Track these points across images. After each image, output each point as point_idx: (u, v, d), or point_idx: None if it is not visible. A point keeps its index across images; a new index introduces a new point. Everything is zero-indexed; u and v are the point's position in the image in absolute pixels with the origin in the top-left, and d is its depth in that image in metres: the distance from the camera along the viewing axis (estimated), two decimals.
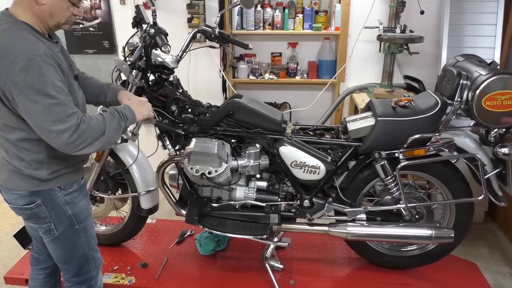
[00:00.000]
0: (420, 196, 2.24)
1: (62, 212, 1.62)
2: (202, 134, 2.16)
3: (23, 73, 1.34)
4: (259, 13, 3.48)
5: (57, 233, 1.64)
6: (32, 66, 1.35)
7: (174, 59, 2.17)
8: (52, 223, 1.62)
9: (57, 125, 1.37)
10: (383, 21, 3.28)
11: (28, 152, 1.50)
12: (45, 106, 1.36)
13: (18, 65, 1.34)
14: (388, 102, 2.15)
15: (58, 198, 1.60)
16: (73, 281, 1.77)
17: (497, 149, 2.01)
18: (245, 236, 2.16)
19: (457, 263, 2.46)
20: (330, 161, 2.13)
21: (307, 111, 3.68)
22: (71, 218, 1.64)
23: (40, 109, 1.36)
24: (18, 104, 1.38)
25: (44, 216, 1.60)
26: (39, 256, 1.91)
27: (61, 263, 1.75)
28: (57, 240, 1.66)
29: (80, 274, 1.76)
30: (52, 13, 1.47)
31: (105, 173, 2.40)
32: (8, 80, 1.35)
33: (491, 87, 1.86)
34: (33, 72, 1.34)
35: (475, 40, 2.98)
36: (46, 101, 1.36)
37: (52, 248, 1.70)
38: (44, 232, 1.65)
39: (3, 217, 3.29)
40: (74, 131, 1.39)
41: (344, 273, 2.39)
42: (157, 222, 2.88)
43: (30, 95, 1.35)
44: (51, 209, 1.59)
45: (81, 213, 1.68)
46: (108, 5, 3.73)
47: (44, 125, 1.38)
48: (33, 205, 1.57)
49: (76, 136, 1.40)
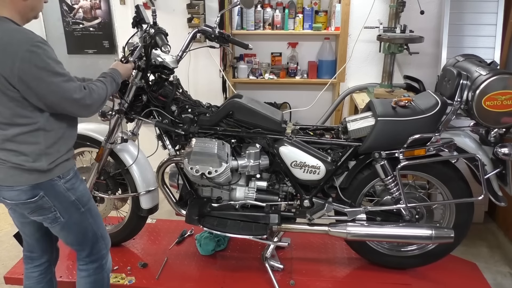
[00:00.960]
0: (420, 196, 2.24)
1: (65, 199, 1.67)
2: (202, 134, 2.16)
3: (32, 59, 1.42)
4: (259, 13, 3.48)
5: (64, 220, 1.69)
6: (38, 51, 1.43)
7: (174, 59, 2.17)
8: (58, 211, 1.67)
9: (75, 94, 1.53)
10: (383, 21, 3.28)
11: (27, 145, 1.54)
12: (59, 84, 1.49)
13: (24, 53, 1.41)
14: (388, 102, 2.15)
15: (59, 186, 1.64)
16: (86, 260, 1.85)
17: (497, 149, 2.01)
18: (245, 236, 2.16)
19: (457, 263, 2.46)
20: (330, 161, 2.13)
21: (307, 111, 3.68)
22: (76, 203, 1.70)
23: (55, 88, 1.48)
24: (32, 89, 1.45)
25: (49, 206, 1.64)
26: (32, 254, 1.92)
27: (75, 246, 1.82)
28: (66, 227, 1.72)
29: (93, 253, 1.84)
30: (34, 6, 1.55)
31: (105, 173, 2.40)
32: (16, 69, 1.41)
33: (491, 87, 1.86)
34: (41, 56, 1.44)
35: (475, 40, 2.98)
36: (59, 79, 1.49)
37: (63, 235, 1.77)
38: (51, 222, 1.69)
39: (3, 217, 3.29)
40: (88, 96, 1.57)
41: (344, 273, 2.39)
42: (157, 222, 2.88)
43: (45, 77, 1.45)
44: (54, 198, 1.64)
45: (83, 196, 1.74)
46: (108, 5, 3.73)
47: (65, 96, 1.51)
48: (36, 197, 1.60)
49: (91, 100, 1.59)
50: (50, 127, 1.57)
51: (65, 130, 1.64)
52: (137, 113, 2.21)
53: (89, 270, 1.86)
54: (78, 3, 3.78)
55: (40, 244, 1.87)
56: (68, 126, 1.65)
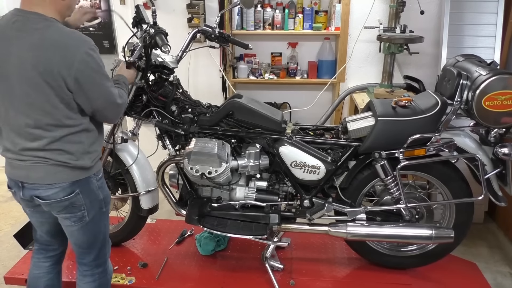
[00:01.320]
0: (420, 196, 2.24)
1: (95, 197, 1.72)
2: (202, 134, 2.16)
3: (89, 61, 1.50)
4: (259, 13, 3.48)
5: (87, 219, 1.72)
6: (94, 54, 1.53)
7: (174, 59, 2.17)
8: (86, 210, 1.70)
9: (118, 100, 1.64)
10: (383, 21, 3.28)
11: (72, 144, 1.59)
12: (109, 88, 1.60)
13: (83, 55, 1.49)
14: (388, 102, 2.15)
15: (94, 184, 1.71)
16: (92, 265, 1.85)
17: (497, 149, 2.01)
18: (245, 236, 2.16)
19: (457, 263, 2.46)
20: (330, 161, 2.13)
21: (307, 111, 3.68)
22: (101, 202, 1.76)
23: (105, 91, 1.58)
24: (85, 91, 1.52)
25: (80, 204, 1.68)
26: (48, 247, 1.92)
27: (84, 248, 1.82)
28: (85, 227, 1.74)
29: (99, 257, 1.85)
30: (70, 5, 1.61)
31: (105, 173, 2.39)
32: (73, 70, 1.48)
33: (491, 87, 1.86)
34: (96, 59, 1.53)
35: (475, 40, 2.98)
36: (109, 84, 1.61)
37: (78, 235, 1.76)
38: (76, 220, 1.71)
39: (3, 217, 3.29)
40: (125, 103, 1.72)
41: (344, 273, 2.39)
42: (157, 222, 2.88)
43: (98, 80, 1.55)
44: (86, 196, 1.68)
45: (108, 196, 1.81)
46: (108, 5, 3.73)
47: (111, 101, 1.61)
48: (72, 194, 1.64)
49: (124, 106, 1.74)
50: (91, 128, 1.66)
51: (100, 130, 1.74)
52: (137, 113, 2.21)
53: (95, 275, 1.85)
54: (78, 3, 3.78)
55: (56, 238, 1.89)
56: (101, 126, 1.76)
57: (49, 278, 1.92)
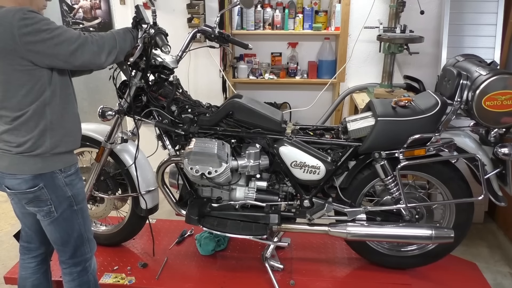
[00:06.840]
0: (420, 196, 2.24)
1: (62, 193, 1.70)
2: (202, 134, 2.16)
3: (28, 24, 1.45)
4: (259, 13, 3.48)
5: (56, 215, 1.71)
6: (29, 15, 1.46)
7: (174, 59, 2.16)
8: (53, 205, 1.69)
9: (76, 41, 1.55)
10: (383, 21, 3.28)
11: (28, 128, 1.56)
12: (60, 37, 1.51)
13: (18, 21, 1.43)
14: (388, 102, 2.15)
15: (59, 180, 1.68)
16: (69, 263, 1.84)
17: (497, 149, 2.01)
18: (245, 236, 2.16)
19: (457, 263, 2.46)
20: (330, 161, 2.13)
21: (307, 111, 3.68)
22: (71, 199, 1.73)
23: (58, 41, 1.50)
24: (40, 51, 1.48)
25: (46, 198, 1.67)
26: (29, 245, 1.93)
27: (58, 245, 1.81)
28: (55, 222, 1.73)
29: (76, 256, 1.83)
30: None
31: (105, 173, 2.40)
32: (17, 38, 1.44)
33: (491, 87, 1.86)
34: (33, 19, 1.47)
35: (475, 40, 2.98)
36: (58, 32, 1.51)
37: (50, 230, 1.77)
38: (44, 215, 1.71)
39: (3, 217, 3.29)
40: (91, 41, 1.60)
41: (344, 273, 2.39)
42: (157, 222, 2.88)
43: (44, 36, 1.48)
44: (52, 191, 1.67)
45: (79, 194, 1.77)
46: (108, 5, 3.74)
47: (69, 49, 1.53)
48: (36, 188, 1.63)
49: (96, 45, 1.61)
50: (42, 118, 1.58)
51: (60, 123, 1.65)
52: (137, 113, 2.21)
53: (73, 274, 1.85)
54: (78, 3, 3.79)
55: (39, 236, 1.88)
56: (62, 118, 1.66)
57: (36, 278, 1.94)
